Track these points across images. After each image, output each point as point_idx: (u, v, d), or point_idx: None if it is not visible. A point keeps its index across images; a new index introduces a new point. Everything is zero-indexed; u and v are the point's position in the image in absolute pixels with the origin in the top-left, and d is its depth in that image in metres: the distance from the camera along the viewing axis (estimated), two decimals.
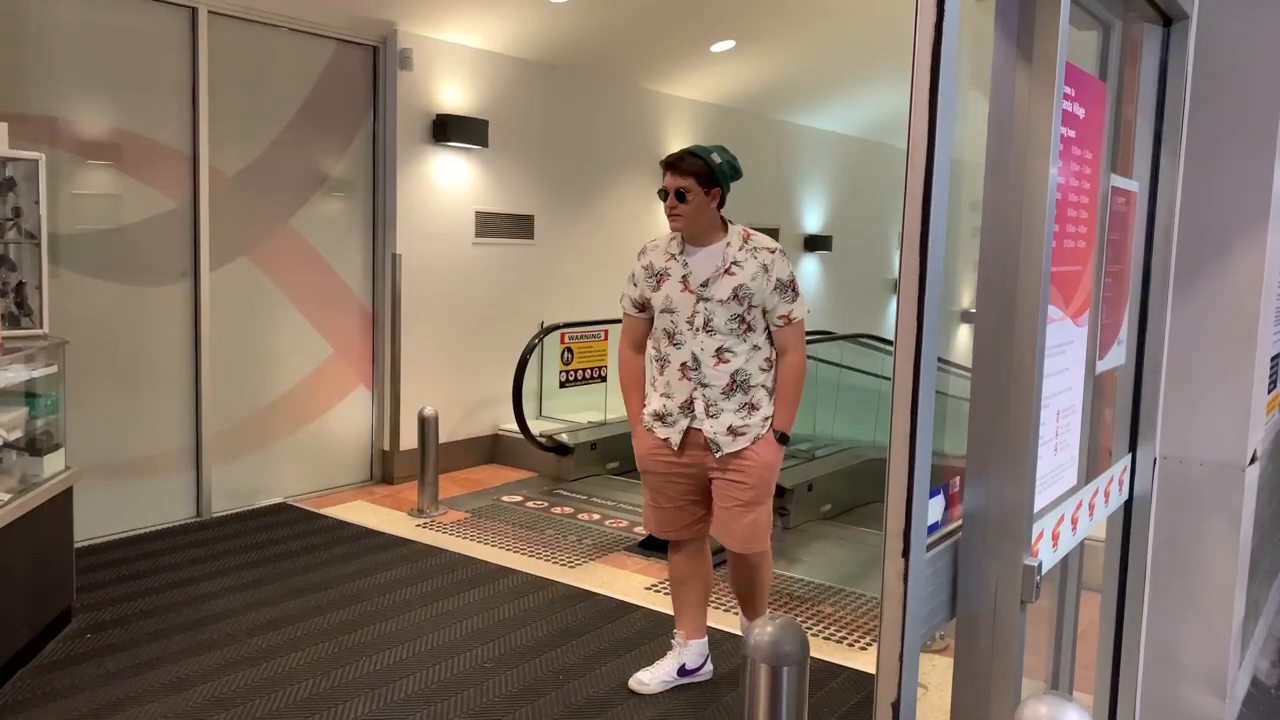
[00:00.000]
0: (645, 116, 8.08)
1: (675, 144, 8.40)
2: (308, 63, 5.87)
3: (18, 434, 3.66)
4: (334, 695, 3.43)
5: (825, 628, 4.19)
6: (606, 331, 7.30)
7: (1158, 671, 2.75)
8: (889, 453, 1.58)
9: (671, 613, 3.70)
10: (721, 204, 3.24)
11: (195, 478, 5.50)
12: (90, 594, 4.24)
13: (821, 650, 3.90)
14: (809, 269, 10.37)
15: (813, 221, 10.39)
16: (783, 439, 3.31)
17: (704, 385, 3.22)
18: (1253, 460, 2.64)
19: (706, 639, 3.61)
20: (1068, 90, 1.80)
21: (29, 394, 3.83)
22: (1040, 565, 1.76)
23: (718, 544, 3.46)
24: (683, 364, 3.24)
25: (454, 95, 6.48)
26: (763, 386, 3.27)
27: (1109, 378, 2.57)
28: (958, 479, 1.84)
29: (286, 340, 5.89)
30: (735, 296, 3.17)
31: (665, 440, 3.30)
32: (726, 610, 4.28)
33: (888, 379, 7.26)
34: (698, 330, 3.21)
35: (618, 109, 7.81)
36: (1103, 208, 2.25)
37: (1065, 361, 1.99)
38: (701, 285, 3.20)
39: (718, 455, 3.24)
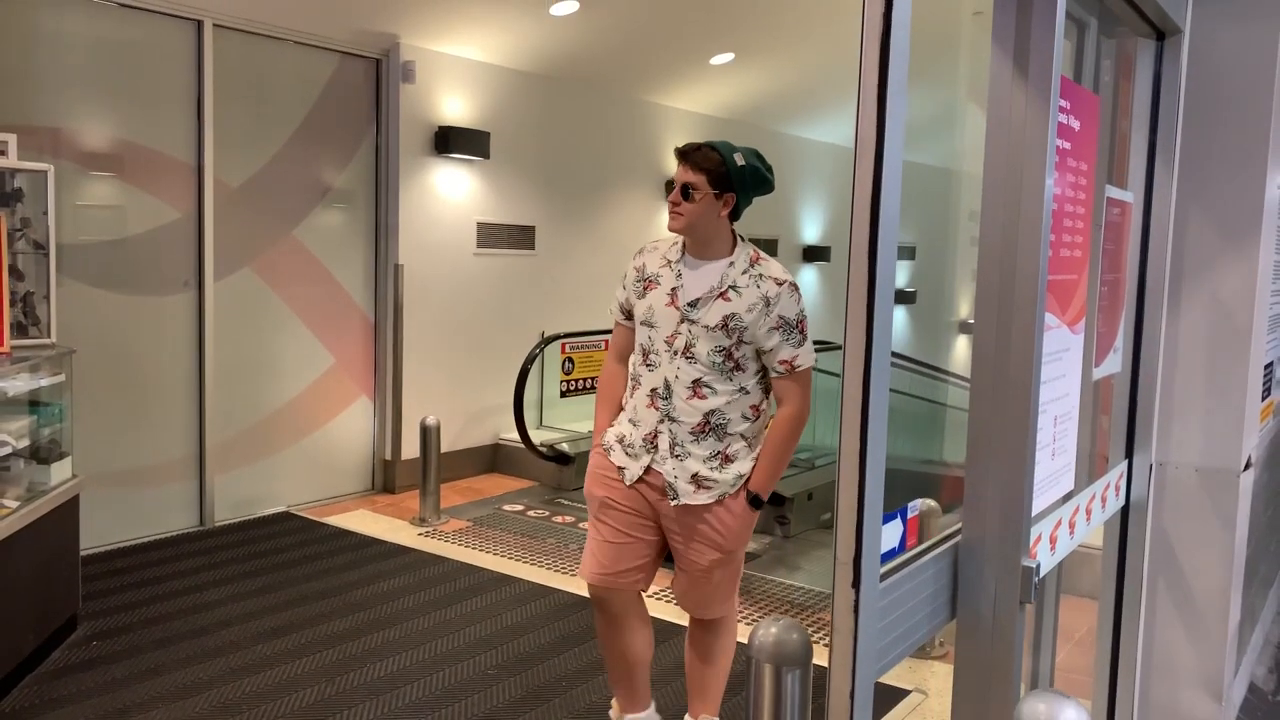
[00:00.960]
0: (645, 128, 8.13)
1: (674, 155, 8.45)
2: (311, 75, 5.92)
3: (25, 442, 3.70)
4: (338, 702, 3.45)
5: (827, 635, 4.21)
6: (607, 341, 7.26)
7: (1155, 676, 2.78)
8: (838, 475, 1.49)
9: (677, 621, 3.67)
10: (736, 215, 2.76)
11: (198, 487, 5.53)
12: (95, 602, 4.26)
13: (822, 657, 3.91)
14: (808, 279, 10.42)
15: (811, 232, 10.45)
16: (756, 503, 2.77)
17: (672, 419, 2.72)
18: (1247, 466, 2.68)
19: (653, 707, 3.10)
20: (1063, 103, 1.85)
21: (36, 403, 3.86)
22: (1038, 567, 1.79)
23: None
24: (653, 389, 2.74)
25: (456, 107, 6.54)
26: (742, 437, 2.75)
27: (1106, 385, 2.61)
28: (917, 502, 1.81)
29: (289, 350, 5.92)
30: (724, 326, 2.66)
31: (620, 470, 2.81)
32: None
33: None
34: (676, 354, 2.71)
35: (618, 121, 7.86)
36: (1098, 218, 2.29)
37: (1062, 368, 2.03)
38: (690, 304, 2.70)
39: (673, 503, 2.74)
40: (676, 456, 2.72)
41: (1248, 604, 3.23)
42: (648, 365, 2.78)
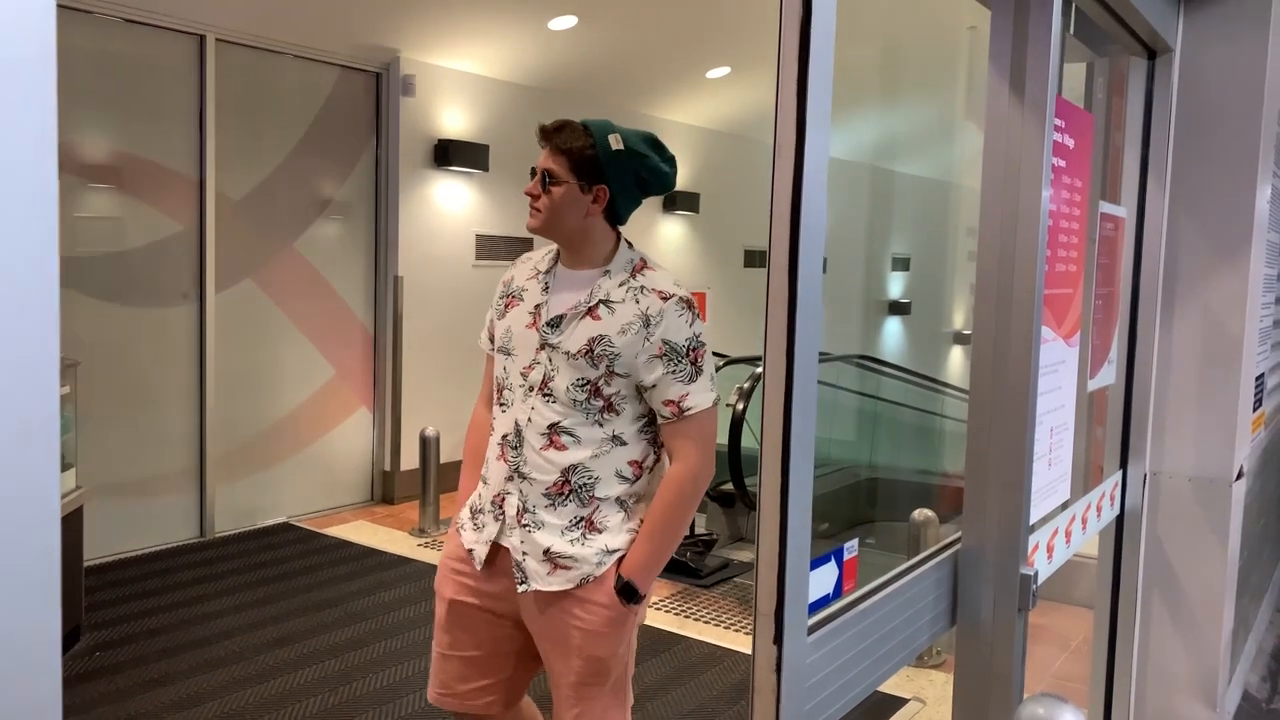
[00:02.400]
0: None
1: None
2: (312, 89, 5.97)
3: None
4: (341, 710, 3.48)
5: None
6: None
7: (1150, 684, 2.82)
8: (758, 517, 1.29)
9: (674, 630, 3.66)
10: (616, 216, 2.12)
11: (199, 498, 5.55)
12: (97, 612, 4.28)
13: None
14: None
15: None
16: (630, 594, 2.05)
17: (521, 476, 2.06)
18: (1239, 476, 2.72)
19: None
20: (1058, 122, 1.90)
21: None
22: (1036, 575, 1.84)
23: None
24: (504, 436, 2.10)
25: (455, 120, 6.59)
26: (618, 503, 2.07)
27: (1100, 396, 2.66)
28: (854, 543, 1.67)
29: (289, 362, 5.96)
30: (589, 353, 2.01)
31: (470, 552, 2.14)
32: (728, 628, 4.33)
33: (882, 399, 7.35)
34: (531, 390, 2.06)
35: None
36: (1092, 233, 2.35)
37: (1058, 380, 2.08)
38: (550, 325, 2.07)
39: (521, 589, 2.06)
40: (525, 526, 2.04)
41: (1241, 612, 3.28)
42: (501, 405, 2.14)
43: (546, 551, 2.03)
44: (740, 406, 5.62)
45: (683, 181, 8.66)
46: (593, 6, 6.19)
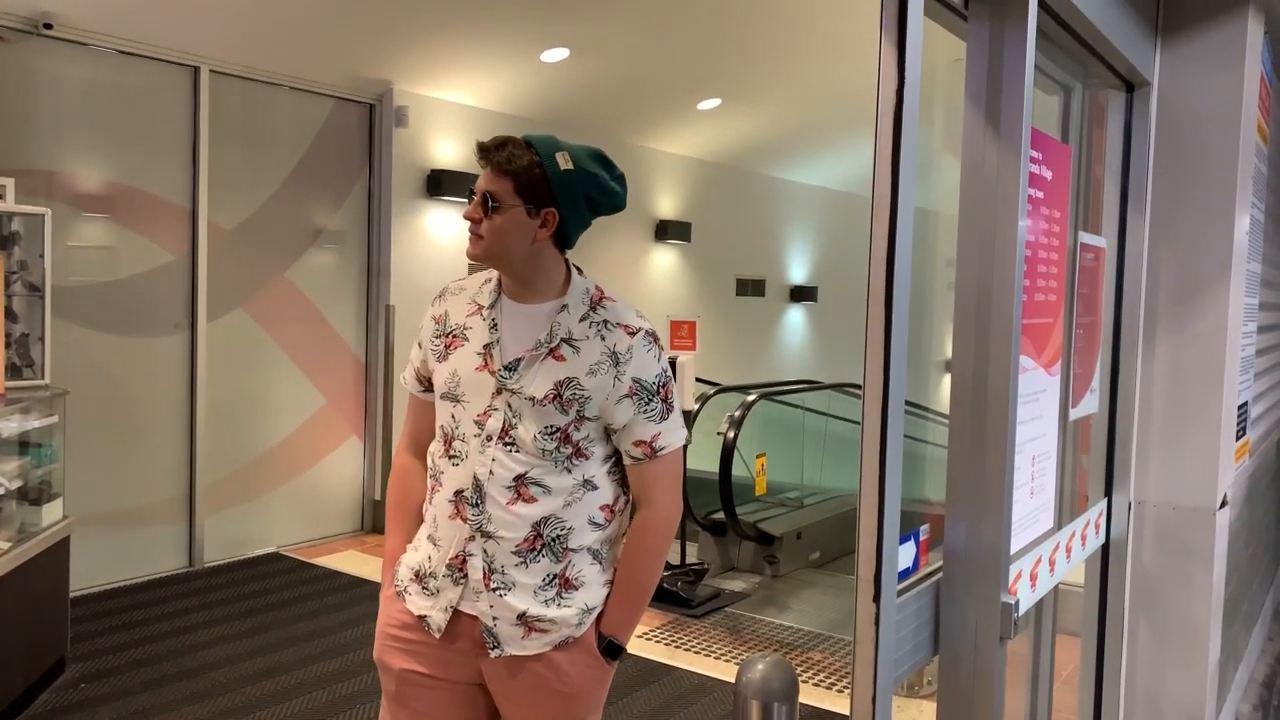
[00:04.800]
0: (633, 171, 8.21)
1: (664, 199, 8.59)
2: (306, 120, 6.02)
3: (18, 483, 3.71)
4: None
5: (815, 674, 4.23)
6: None
7: (1138, 712, 2.81)
8: (859, 499, 1.61)
9: (664, 661, 3.64)
10: (565, 240, 1.94)
11: (188, 528, 5.53)
12: (84, 643, 4.25)
13: (811, 696, 3.94)
14: (795, 319, 10.52)
15: (799, 273, 10.56)
16: (614, 651, 1.94)
17: (486, 535, 1.86)
18: (1223, 504, 2.73)
19: None
20: (1034, 154, 1.93)
21: (28, 444, 3.88)
22: (1018, 604, 1.84)
23: None
24: (458, 492, 1.89)
25: (448, 151, 6.64)
26: (590, 553, 1.92)
27: (1084, 425, 2.68)
28: (926, 526, 1.88)
29: (280, 391, 5.96)
30: (557, 397, 1.86)
31: (421, 619, 1.92)
32: (718, 658, 4.31)
33: None
34: (490, 440, 1.87)
35: None
36: (1072, 263, 2.37)
37: (1038, 409, 2.09)
38: (508, 368, 1.88)
39: (493, 654, 1.88)
40: (495, 590, 1.86)
41: (1230, 641, 3.27)
42: (451, 457, 1.91)
43: (521, 615, 1.86)
44: (731, 435, 5.62)
45: (674, 211, 8.71)
46: (584, 39, 6.26)
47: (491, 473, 1.86)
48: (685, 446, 2.02)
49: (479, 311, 1.95)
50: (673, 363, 4.62)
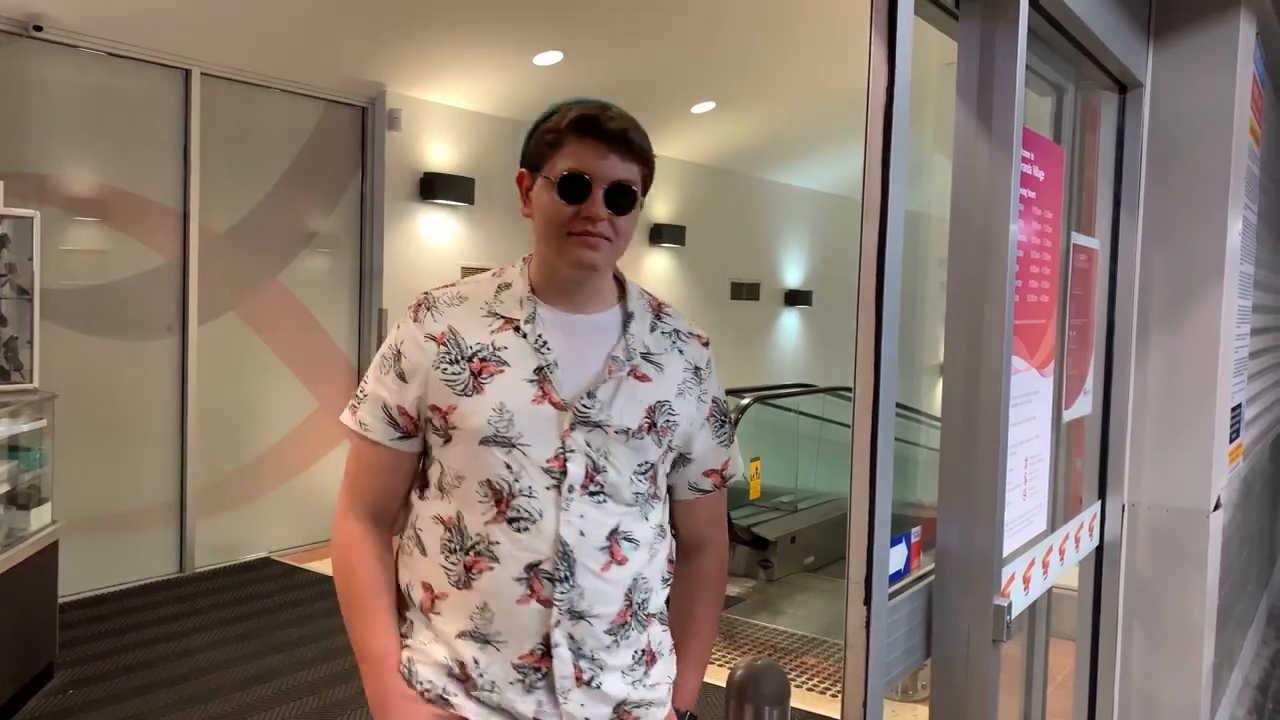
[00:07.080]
0: None
1: (658, 202, 8.58)
2: (298, 123, 6.00)
3: (5, 488, 3.68)
4: None
5: (809, 679, 4.21)
6: None
7: (1133, 716, 2.80)
8: (849, 502, 1.59)
9: None
10: None
11: (179, 533, 5.50)
12: (72, 649, 4.22)
13: (805, 701, 3.92)
14: (790, 323, 10.51)
15: (793, 277, 10.56)
16: None
17: (577, 616, 1.47)
18: (1216, 507, 2.72)
19: None
20: (1026, 154, 1.92)
21: (17, 447, 3.85)
22: (1011, 606, 1.82)
23: None
24: (532, 566, 1.46)
25: (441, 154, 6.62)
26: (660, 615, 1.61)
27: (1077, 427, 2.67)
28: (918, 528, 1.86)
29: (272, 395, 5.93)
30: (652, 426, 1.52)
31: None
32: (711, 662, 4.29)
33: None
34: (572, 490, 1.47)
35: None
36: (1065, 264, 2.36)
37: (1031, 411, 2.08)
38: (587, 398, 1.48)
39: None
40: (589, 682, 1.49)
41: (1224, 644, 3.26)
42: (512, 521, 1.46)
43: (619, 706, 1.51)
44: None
45: (669, 215, 8.70)
46: (578, 43, 6.25)
47: (582, 533, 1.46)
48: None
49: (508, 327, 1.51)
50: None
